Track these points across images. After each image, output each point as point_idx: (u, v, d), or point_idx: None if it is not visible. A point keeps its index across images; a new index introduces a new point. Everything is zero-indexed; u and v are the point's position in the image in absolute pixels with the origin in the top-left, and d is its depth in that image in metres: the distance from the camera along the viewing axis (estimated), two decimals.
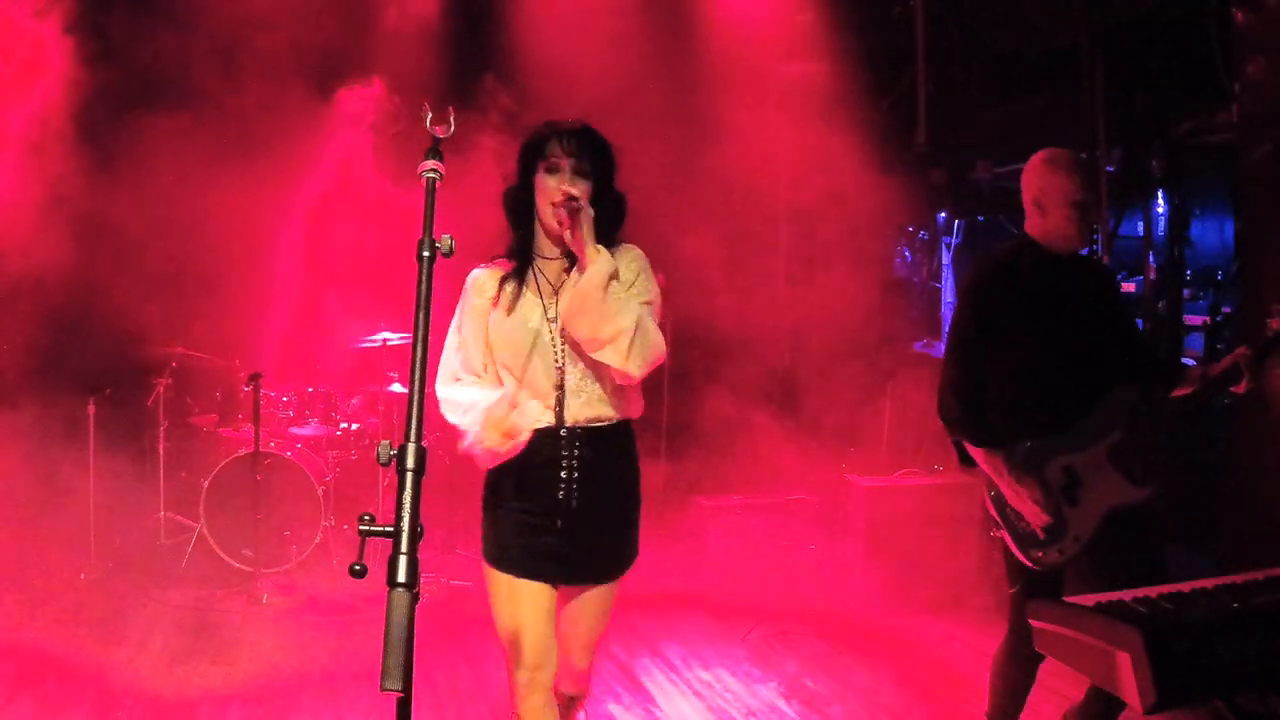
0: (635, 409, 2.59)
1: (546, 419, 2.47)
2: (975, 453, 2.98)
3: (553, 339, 2.48)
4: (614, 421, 2.52)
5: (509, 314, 2.48)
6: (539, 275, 2.53)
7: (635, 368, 2.37)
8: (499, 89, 5.28)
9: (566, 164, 2.43)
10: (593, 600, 2.59)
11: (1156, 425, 2.93)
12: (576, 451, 2.46)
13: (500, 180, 2.58)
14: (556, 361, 2.47)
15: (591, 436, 2.48)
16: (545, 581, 2.52)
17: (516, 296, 2.49)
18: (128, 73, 5.41)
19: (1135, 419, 2.92)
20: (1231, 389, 2.92)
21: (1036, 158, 3.05)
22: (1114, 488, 2.88)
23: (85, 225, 5.32)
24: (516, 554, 2.49)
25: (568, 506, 2.46)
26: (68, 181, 5.12)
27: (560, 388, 2.46)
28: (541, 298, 2.50)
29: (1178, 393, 3.00)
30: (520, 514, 2.48)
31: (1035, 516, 2.87)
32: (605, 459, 2.50)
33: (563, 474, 2.45)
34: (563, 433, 2.46)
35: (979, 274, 3.08)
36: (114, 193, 5.20)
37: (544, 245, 2.54)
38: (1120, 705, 2.99)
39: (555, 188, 2.41)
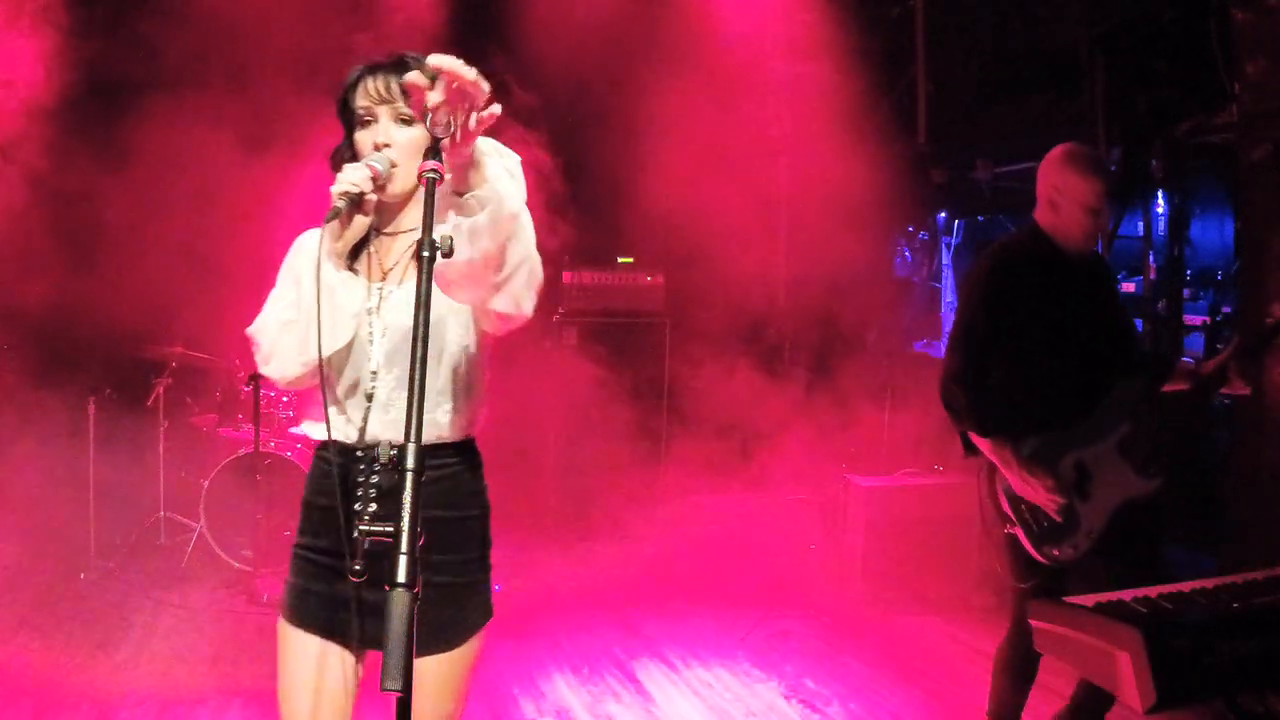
0: (472, 424, 2.00)
1: (349, 434, 1.94)
2: (982, 443, 2.96)
3: (371, 334, 1.94)
4: (431, 445, 1.91)
5: None
6: (374, 254, 1.99)
7: (532, 301, 1.82)
8: (494, 87, 5.28)
9: (381, 111, 1.90)
10: (425, 675, 1.89)
11: (1162, 417, 2.93)
12: (375, 478, 1.90)
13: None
14: (370, 363, 1.94)
15: (397, 460, 1.84)
16: (339, 641, 1.97)
17: (344, 268, 1.97)
18: (127, 69, 5.40)
19: (1144, 410, 2.92)
20: (1224, 391, 2.91)
21: (1057, 151, 3.00)
22: (1124, 481, 2.89)
23: (85, 224, 5.32)
24: (312, 602, 1.98)
25: (364, 546, 1.85)
26: (67, 180, 5.12)
27: (370, 399, 1.93)
28: (369, 281, 1.97)
29: (1168, 387, 2.99)
30: (315, 554, 2.00)
31: (1049, 504, 2.86)
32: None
33: (357, 505, 1.90)
34: (359, 453, 1.91)
35: (988, 263, 3.05)
36: (114, 191, 5.19)
37: (387, 220, 2.00)
38: (1109, 704, 3.01)
39: (370, 146, 1.89)
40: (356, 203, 1.78)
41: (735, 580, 5.03)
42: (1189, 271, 5.40)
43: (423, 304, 1.31)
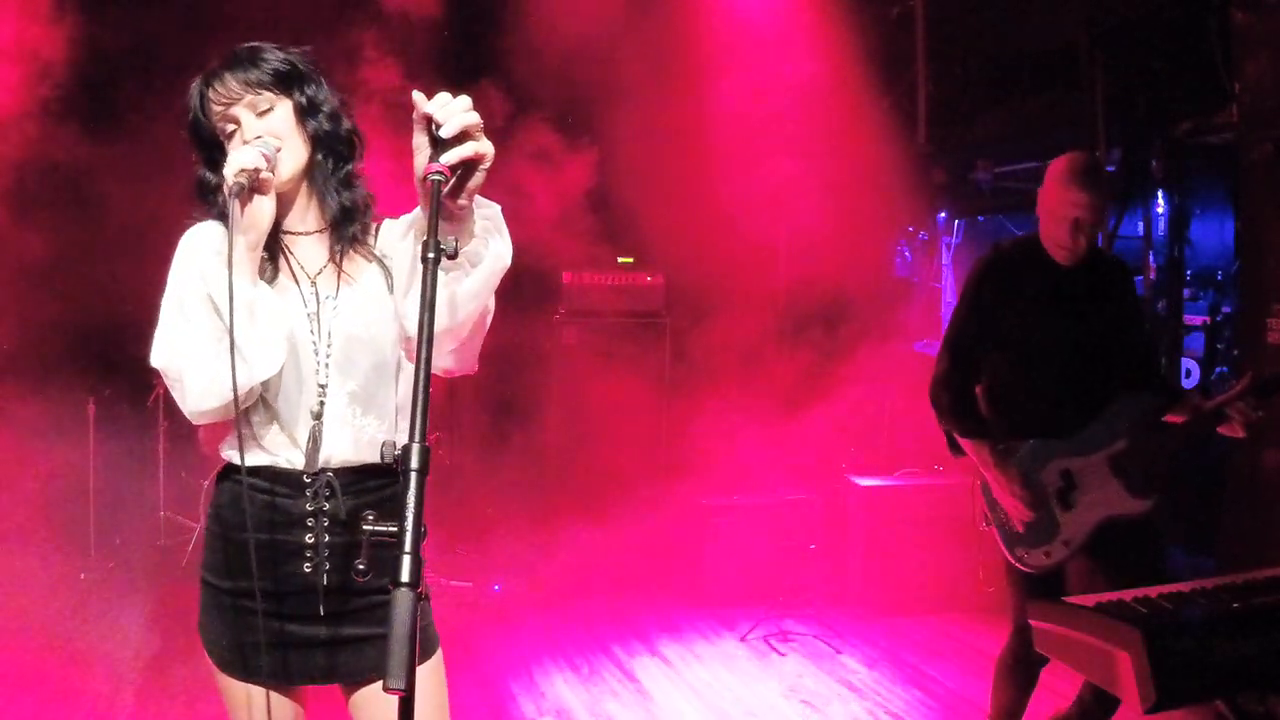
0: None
1: (291, 458, 1.76)
2: (963, 442, 3.00)
3: (315, 343, 1.76)
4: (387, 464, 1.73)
5: None
6: (289, 254, 1.82)
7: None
8: (496, 88, 5.27)
9: (238, 112, 1.73)
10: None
11: (1166, 435, 2.89)
12: (328, 507, 1.75)
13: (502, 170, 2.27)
14: (318, 376, 1.76)
15: (353, 484, 1.77)
16: (303, 682, 1.84)
17: (269, 278, 1.79)
18: (126, 67, 5.39)
19: (1144, 428, 2.89)
20: (1220, 430, 2.84)
21: (1053, 164, 2.95)
22: (1112, 496, 2.86)
23: (85, 222, 5.32)
24: (255, 652, 1.80)
25: (318, 583, 1.76)
26: (67, 178, 5.11)
27: (318, 416, 1.75)
28: (298, 285, 1.80)
29: (1169, 418, 2.92)
30: (244, 599, 1.77)
31: (1016, 510, 2.87)
32: (379, 514, 1.72)
33: (308, 538, 1.75)
34: (307, 478, 1.75)
35: (984, 267, 3.04)
36: (115, 189, 5.19)
37: (293, 217, 1.83)
38: (1115, 705, 3.01)
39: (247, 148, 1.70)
40: (255, 184, 1.65)
41: (735, 580, 5.04)
42: (1189, 271, 5.40)
43: (428, 306, 1.30)
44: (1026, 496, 2.86)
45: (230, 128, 1.75)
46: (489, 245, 1.65)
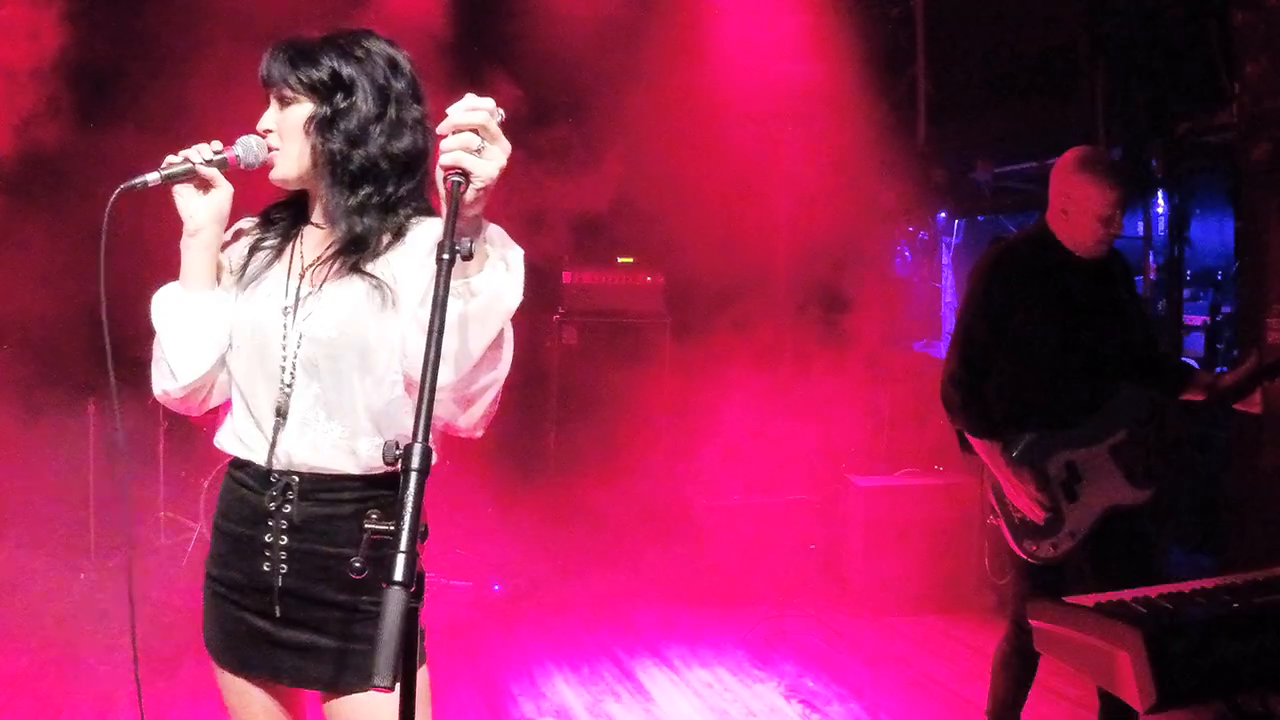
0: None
1: (257, 450, 1.76)
2: (975, 442, 2.99)
3: (284, 338, 1.74)
4: (356, 476, 1.73)
5: (247, 289, 1.81)
6: (299, 245, 1.83)
7: (485, 424, 1.71)
8: (495, 91, 5.26)
9: (272, 94, 1.79)
10: (364, 710, 1.74)
11: (1164, 427, 2.91)
12: (287, 509, 1.73)
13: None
14: (283, 372, 1.74)
15: (314, 491, 1.73)
16: (269, 679, 1.81)
17: (265, 267, 1.82)
18: (123, 63, 5.38)
19: (1142, 419, 2.91)
20: (1237, 405, 2.85)
21: (1070, 156, 2.93)
22: (1114, 487, 2.88)
23: (84, 221, 5.31)
24: (237, 643, 1.81)
25: (274, 583, 1.74)
26: (66, 176, 5.11)
27: (282, 414, 1.73)
28: (288, 276, 1.79)
29: (1187, 397, 2.95)
30: (224, 588, 1.81)
31: (1031, 510, 2.88)
32: (334, 525, 1.72)
33: (267, 537, 1.74)
34: (272, 478, 1.74)
35: (992, 262, 3.03)
36: (113, 187, 5.19)
37: (315, 208, 1.85)
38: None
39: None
40: (182, 178, 1.82)
41: (735, 580, 5.03)
42: (1189, 271, 5.39)
43: (439, 306, 1.29)
44: (1040, 496, 2.86)
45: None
46: (490, 279, 1.56)
